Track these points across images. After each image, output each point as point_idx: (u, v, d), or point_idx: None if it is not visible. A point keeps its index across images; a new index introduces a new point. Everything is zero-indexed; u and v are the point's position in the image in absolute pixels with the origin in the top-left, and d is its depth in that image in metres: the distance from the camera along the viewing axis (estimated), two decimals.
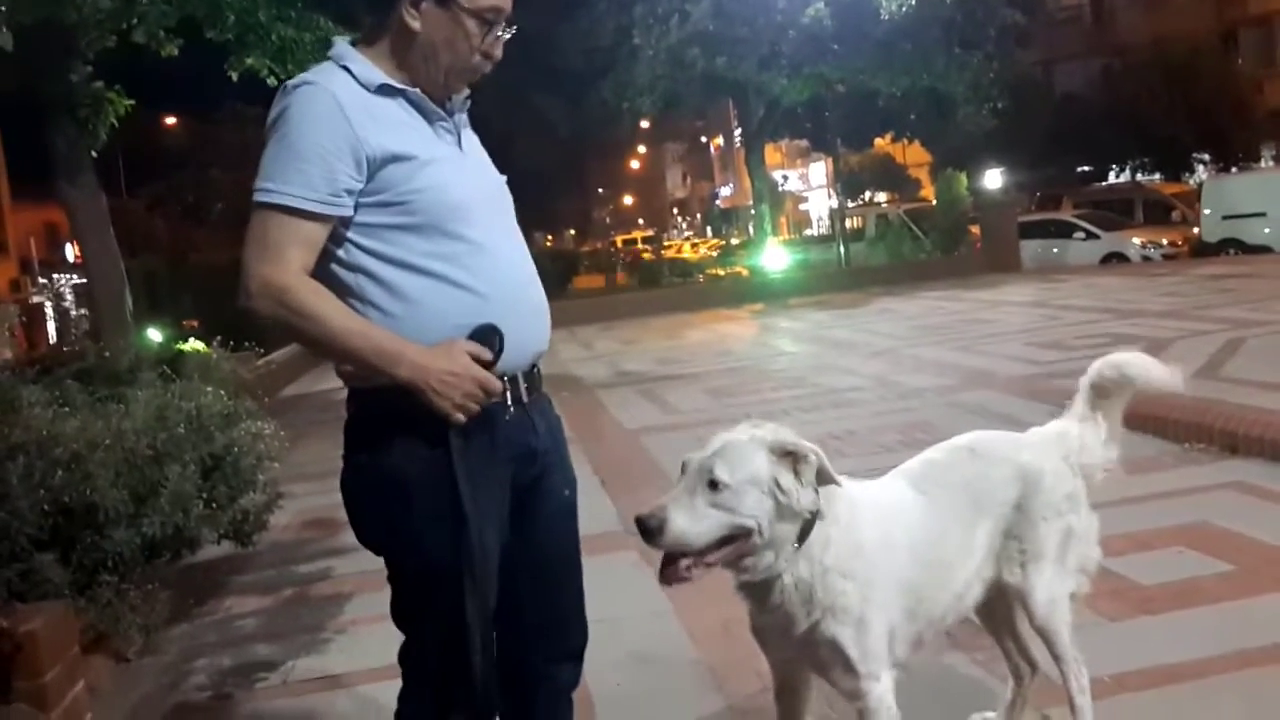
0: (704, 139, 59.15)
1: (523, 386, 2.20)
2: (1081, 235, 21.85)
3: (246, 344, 6.31)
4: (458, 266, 2.10)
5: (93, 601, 3.94)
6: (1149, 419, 6.02)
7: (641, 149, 32.11)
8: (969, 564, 2.53)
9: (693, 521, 2.15)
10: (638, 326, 16.60)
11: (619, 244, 46.65)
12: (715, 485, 2.16)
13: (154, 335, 14.09)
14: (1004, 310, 13.88)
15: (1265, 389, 6.64)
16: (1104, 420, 2.76)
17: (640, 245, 45.15)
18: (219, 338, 5.55)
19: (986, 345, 10.59)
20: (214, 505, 4.45)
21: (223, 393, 4.67)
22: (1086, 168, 30.89)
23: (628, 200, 71.44)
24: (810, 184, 51.95)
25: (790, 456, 2.21)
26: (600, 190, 71.77)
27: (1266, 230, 19.14)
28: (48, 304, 31.34)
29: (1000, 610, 2.77)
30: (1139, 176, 30.07)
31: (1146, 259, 20.57)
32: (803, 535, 2.24)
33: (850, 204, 32.40)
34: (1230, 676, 3.13)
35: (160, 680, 4.10)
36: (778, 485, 2.18)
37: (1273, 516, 4.55)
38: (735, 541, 2.19)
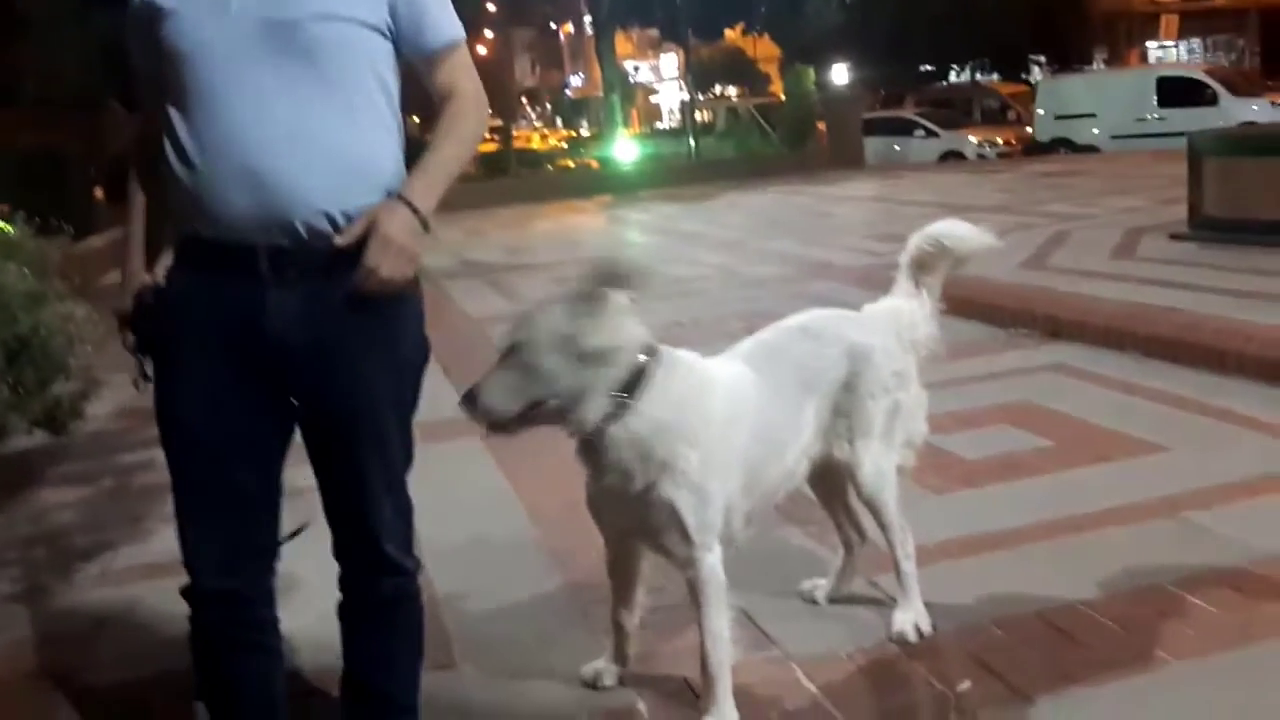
0: (553, 25, 57.78)
1: (263, 263, 1.96)
2: (921, 133, 22.40)
3: (61, 225, 5.85)
4: (175, 128, 1.97)
5: None
6: (977, 305, 6.24)
7: (488, 33, 30.97)
8: (798, 441, 2.58)
9: (501, 391, 2.21)
10: (484, 217, 16.27)
11: None
12: (514, 351, 2.22)
13: None
14: (847, 205, 14.16)
15: (1087, 277, 6.96)
16: (927, 296, 2.83)
17: (489, 135, 44.11)
18: (24, 215, 5.12)
19: (828, 238, 10.79)
20: (21, 391, 4.17)
21: (27, 271, 4.33)
22: (929, 67, 31.45)
23: None
24: (661, 76, 51.52)
25: (586, 303, 2.22)
26: None
27: (1095, 130, 19.95)
28: None
29: (830, 484, 2.85)
30: (979, 76, 30.81)
31: (982, 157, 21.24)
32: (631, 386, 2.24)
33: (700, 97, 32.28)
34: (1044, 543, 3.29)
35: None
36: (576, 339, 2.19)
37: (1091, 396, 4.79)
38: (546, 403, 2.23)
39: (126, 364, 2.16)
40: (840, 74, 30.94)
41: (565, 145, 37.03)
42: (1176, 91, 19.13)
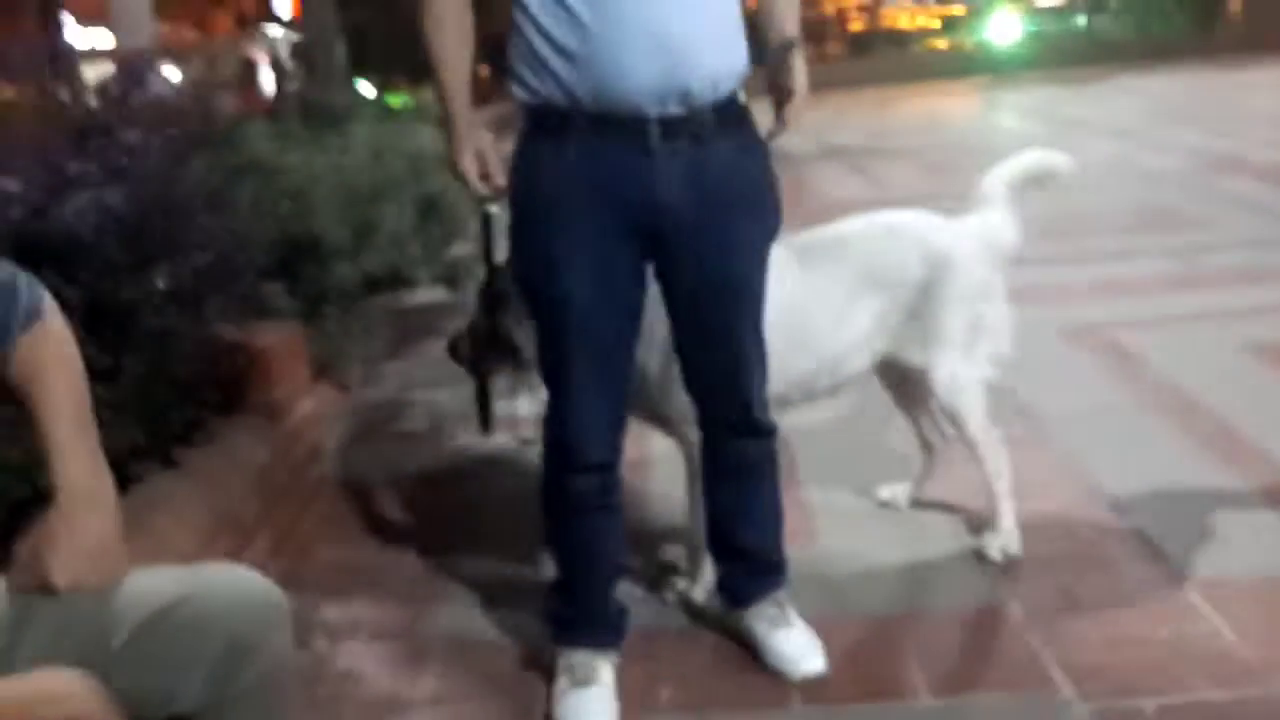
0: None
1: (654, 133, 1.95)
2: None
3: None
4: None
5: (318, 331, 4.13)
6: None
7: None
8: (843, 335, 2.52)
9: None
10: (847, 99, 15.84)
11: (839, 9, 43.99)
12: None
13: (366, 88, 14.33)
14: (1265, 93, 12.52)
15: None
16: (1013, 211, 2.68)
17: (856, 12, 42.63)
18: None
19: (1241, 130, 9.62)
20: (428, 247, 4.55)
21: (437, 134, 4.69)
22: None
23: None
24: None
25: None
26: None
27: None
28: (263, 58, 32.13)
29: (907, 389, 2.79)
30: None
31: None
32: None
33: None
34: None
35: (379, 412, 4.32)
36: None
37: None
38: None
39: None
40: None
41: (939, 23, 35.19)
42: None
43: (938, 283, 2.55)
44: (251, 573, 1.44)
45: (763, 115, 2.12)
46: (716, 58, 1.98)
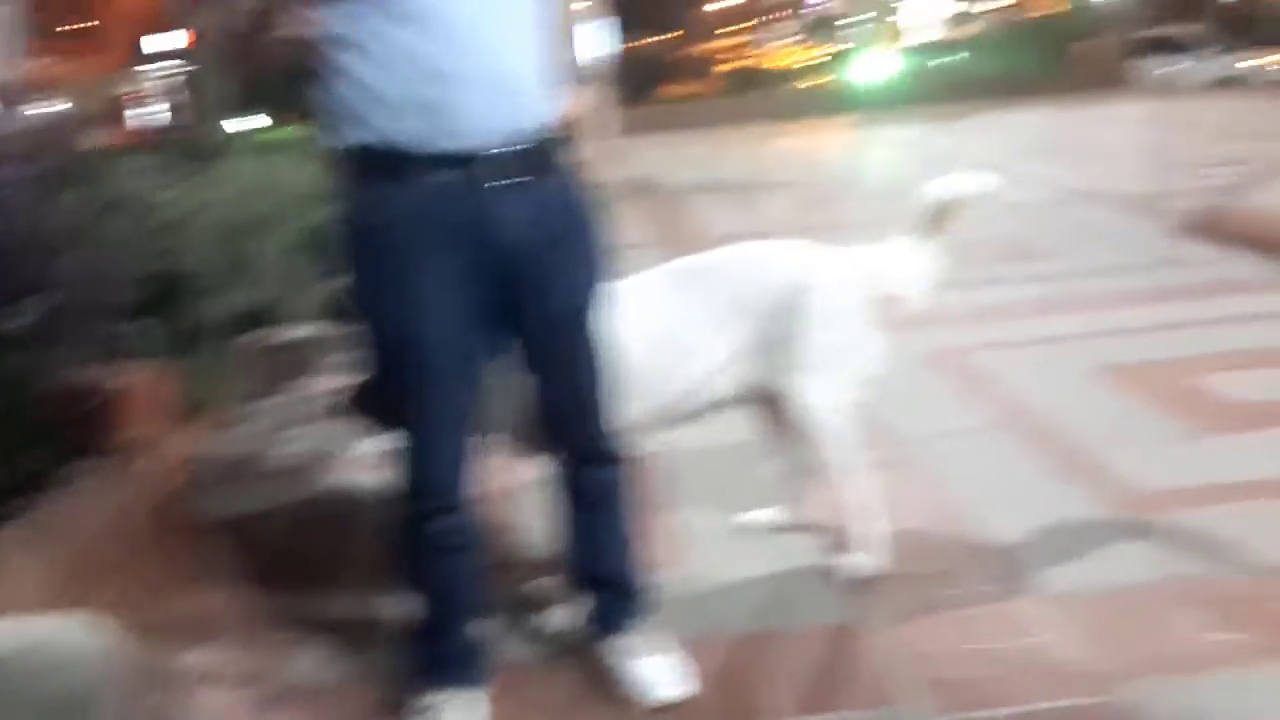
0: None
1: (489, 170, 2.00)
2: (1199, 54, 20.52)
3: None
4: (390, 42, 1.97)
5: (190, 369, 4.04)
6: (1252, 238, 5.74)
7: None
8: (710, 359, 2.60)
9: None
10: (728, 134, 16.19)
11: (718, 48, 44.80)
12: None
13: (258, 122, 14.09)
14: (1116, 128, 13.22)
15: None
16: (923, 246, 2.78)
17: (734, 52, 43.46)
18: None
19: (1095, 163, 10.13)
20: (308, 282, 4.49)
21: (318, 171, 4.65)
22: None
23: (722, 3, 68.68)
24: None
25: None
26: None
27: None
28: (150, 92, 31.36)
29: (774, 411, 2.83)
30: None
31: (1271, 82, 19.24)
32: None
33: (963, 9, 30.73)
34: None
35: (249, 451, 4.23)
36: None
37: None
38: None
39: None
40: None
41: (814, 62, 36.16)
42: None
43: (800, 310, 2.63)
44: (86, 625, 1.40)
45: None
46: (544, 97, 2.06)
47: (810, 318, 2.64)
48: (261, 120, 13.62)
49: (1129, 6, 26.08)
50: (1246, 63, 20.06)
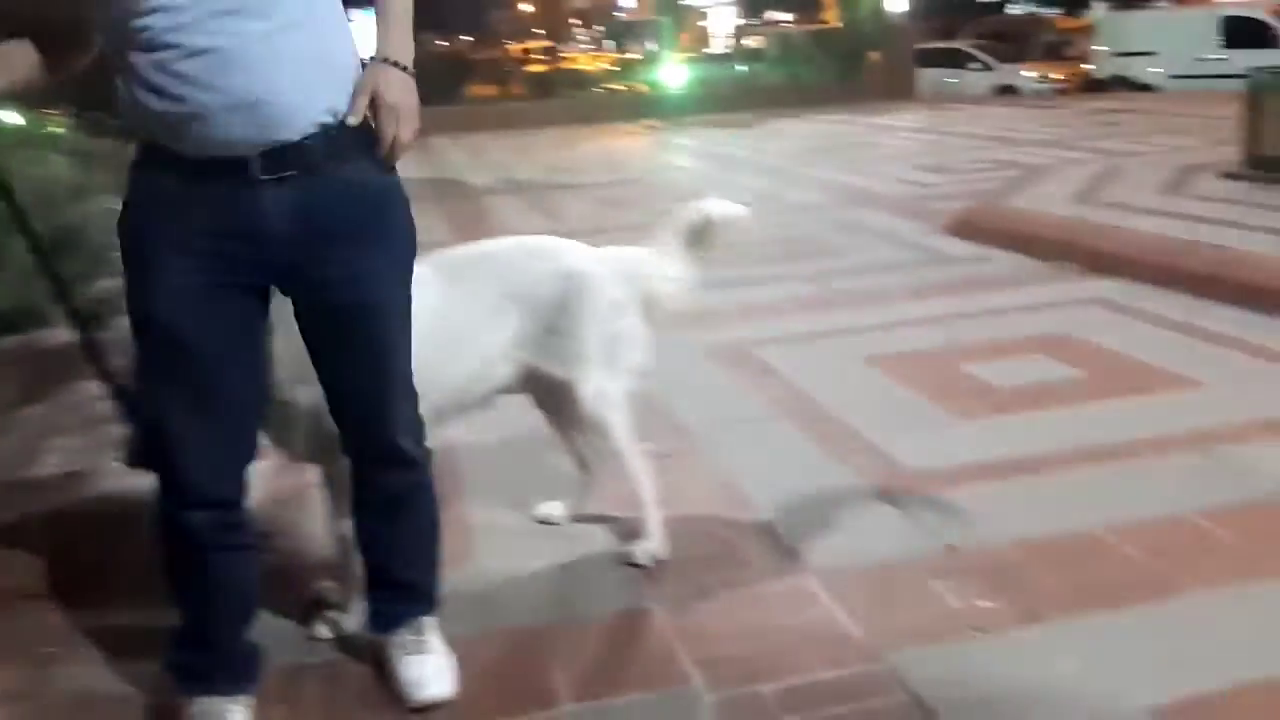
0: None
1: (256, 167, 1.90)
2: (976, 66, 21.90)
3: (104, 117, 5.86)
4: (151, 58, 1.87)
5: None
6: (1020, 237, 6.15)
7: None
8: (488, 346, 2.62)
9: None
10: (530, 137, 16.16)
11: (522, 52, 44.76)
12: None
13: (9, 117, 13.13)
14: (894, 135, 13.91)
15: (1133, 212, 6.82)
16: (682, 252, 2.87)
17: (538, 55, 43.56)
18: (72, 108, 5.15)
19: (872, 167, 10.61)
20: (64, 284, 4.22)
21: (70, 165, 4.38)
22: None
23: (526, 7, 68.66)
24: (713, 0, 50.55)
25: None
26: None
27: (1154, 69, 19.38)
28: None
29: (555, 403, 2.89)
30: (1038, 9, 30.00)
31: (1037, 93, 20.71)
32: None
33: (754, 22, 31.67)
34: (1071, 471, 3.27)
35: (9, 460, 3.97)
36: None
37: (1129, 331, 4.72)
38: None
39: None
40: (897, 2, 30.19)
41: (614, 67, 36.55)
42: (1240, 32, 18.50)
43: (573, 300, 2.67)
44: None
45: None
46: (310, 98, 1.92)
47: (584, 310, 2.68)
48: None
49: (915, 19, 27.56)
50: (1026, 73, 21.53)
